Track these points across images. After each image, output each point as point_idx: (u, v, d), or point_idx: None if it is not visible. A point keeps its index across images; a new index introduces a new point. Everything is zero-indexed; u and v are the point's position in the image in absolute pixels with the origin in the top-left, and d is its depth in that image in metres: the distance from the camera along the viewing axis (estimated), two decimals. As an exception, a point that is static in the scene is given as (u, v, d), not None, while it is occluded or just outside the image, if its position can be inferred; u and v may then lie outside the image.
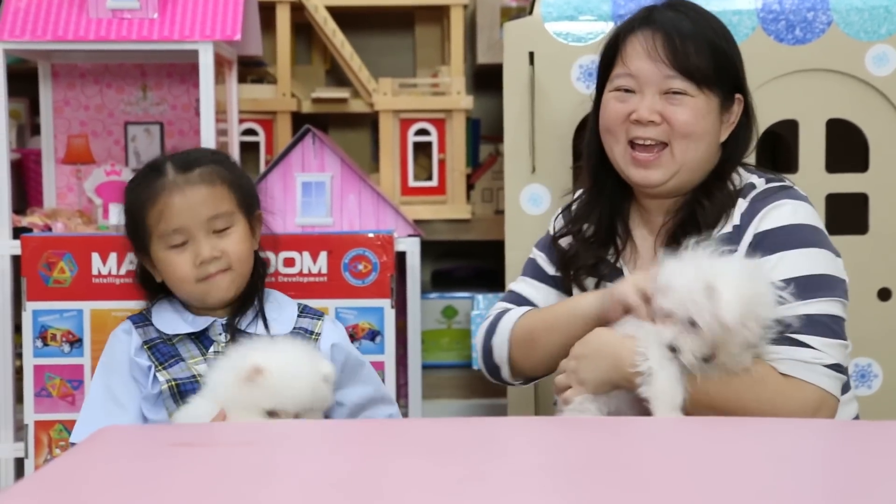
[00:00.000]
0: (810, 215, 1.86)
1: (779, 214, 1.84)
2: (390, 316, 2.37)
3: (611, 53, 1.94)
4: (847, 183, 2.44)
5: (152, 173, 1.97)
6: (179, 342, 1.97)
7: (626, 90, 1.92)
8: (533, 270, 2.07)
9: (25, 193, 2.97)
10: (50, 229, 2.54)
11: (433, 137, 2.94)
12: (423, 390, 2.65)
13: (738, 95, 1.93)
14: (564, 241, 2.04)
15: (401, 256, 2.58)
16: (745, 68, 1.94)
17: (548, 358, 1.93)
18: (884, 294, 2.43)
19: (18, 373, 2.47)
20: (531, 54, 2.41)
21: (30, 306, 2.33)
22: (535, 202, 2.44)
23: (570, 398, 1.80)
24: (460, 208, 2.95)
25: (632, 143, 1.91)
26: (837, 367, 1.77)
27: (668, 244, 1.87)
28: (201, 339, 1.97)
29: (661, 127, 1.89)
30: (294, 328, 2.01)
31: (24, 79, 2.92)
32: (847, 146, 2.47)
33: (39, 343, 2.34)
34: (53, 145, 2.80)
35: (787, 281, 1.77)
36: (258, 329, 1.98)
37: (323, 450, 1.40)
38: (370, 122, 3.24)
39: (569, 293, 2.02)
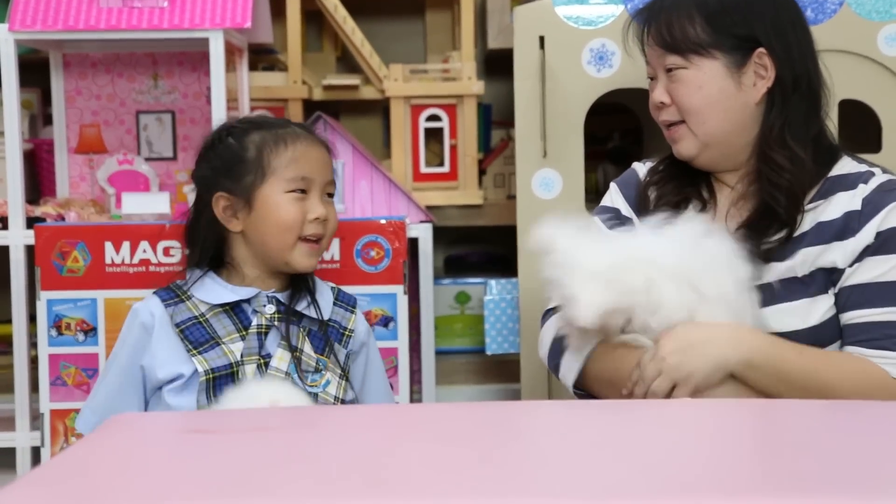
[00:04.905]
0: None
1: None
2: (403, 302, 2.37)
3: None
4: (860, 164, 2.43)
5: (276, 125, 1.97)
6: (214, 317, 1.93)
7: (651, 78, 1.93)
8: None
9: (38, 183, 2.98)
10: (63, 219, 2.55)
11: (444, 123, 2.94)
12: (437, 376, 2.66)
13: (759, 49, 1.82)
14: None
15: (413, 242, 2.58)
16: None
17: None
18: (898, 275, 2.41)
19: (33, 362, 2.48)
20: (542, 38, 2.41)
21: (44, 295, 2.34)
22: (546, 187, 2.43)
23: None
24: (472, 194, 2.95)
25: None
26: None
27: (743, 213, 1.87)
28: (237, 312, 1.94)
29: (672, 107, 1.89)
30: (330, 319, 2.00)
31: (35, 69, 2.92)
32: (860, 127, 2.46)
33: (54, 332, 2.35)
34: (66, 135, 2.80)
35: None
36: (311, 312, 1.97)
37: (338, 434, 1.40)
38: (381, 108, 3.24)
39: None
